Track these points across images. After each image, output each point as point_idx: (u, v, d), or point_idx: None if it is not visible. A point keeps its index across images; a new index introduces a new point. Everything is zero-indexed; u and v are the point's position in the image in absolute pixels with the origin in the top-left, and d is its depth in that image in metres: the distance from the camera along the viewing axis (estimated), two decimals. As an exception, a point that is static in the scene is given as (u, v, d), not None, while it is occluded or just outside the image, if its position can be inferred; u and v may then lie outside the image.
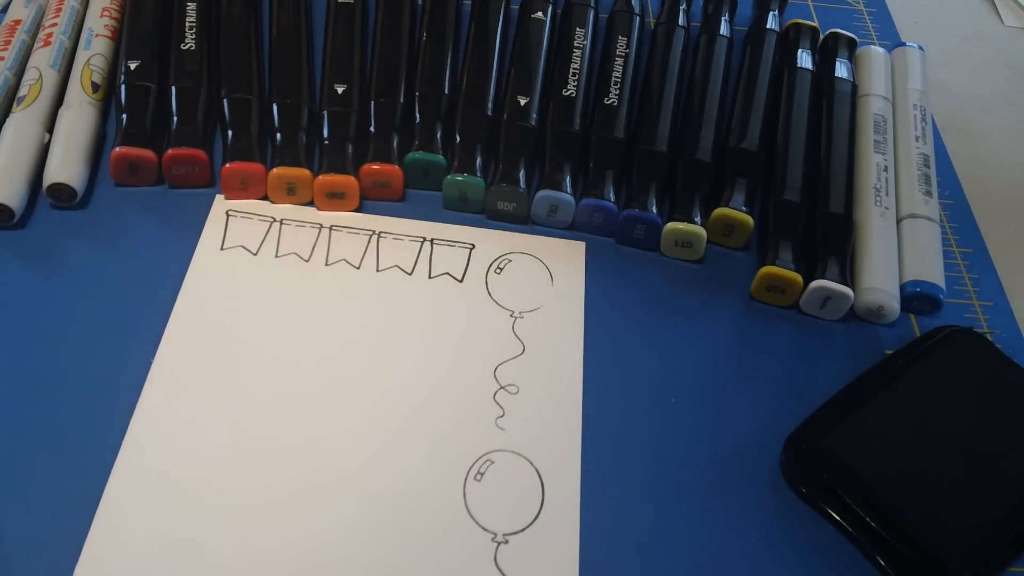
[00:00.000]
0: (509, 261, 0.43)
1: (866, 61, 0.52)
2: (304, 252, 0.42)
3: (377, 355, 0.39)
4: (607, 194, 0.43)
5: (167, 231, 0.42)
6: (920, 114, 0.50)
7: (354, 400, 0.37)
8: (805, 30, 0.52)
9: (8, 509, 0.33)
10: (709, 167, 0.44)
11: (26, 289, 0.39)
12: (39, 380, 0.36)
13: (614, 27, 0.50)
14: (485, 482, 0.35)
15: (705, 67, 0.49)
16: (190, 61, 0.45)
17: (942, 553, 0.33)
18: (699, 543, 0.35)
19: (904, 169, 0.47)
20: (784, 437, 0.37)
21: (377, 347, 0.39)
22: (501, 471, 0.36)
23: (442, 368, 0.38)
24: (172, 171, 0.43)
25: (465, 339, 0.39)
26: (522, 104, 0.45)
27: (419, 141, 0.44)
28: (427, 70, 0.46)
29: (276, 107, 0.44)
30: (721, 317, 0.42)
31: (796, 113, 0.47)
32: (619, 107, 0.46)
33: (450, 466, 0.36)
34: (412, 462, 0.36)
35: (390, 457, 0.36)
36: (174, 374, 0.37)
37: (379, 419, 0.37)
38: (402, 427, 0.36)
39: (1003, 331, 0.43)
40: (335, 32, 0.47)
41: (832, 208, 0.44)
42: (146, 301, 0.39)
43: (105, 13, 0.48)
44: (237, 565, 0.32)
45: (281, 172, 0.42)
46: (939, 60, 0.58)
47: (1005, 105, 0.56)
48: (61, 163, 0.41)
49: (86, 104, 0.44)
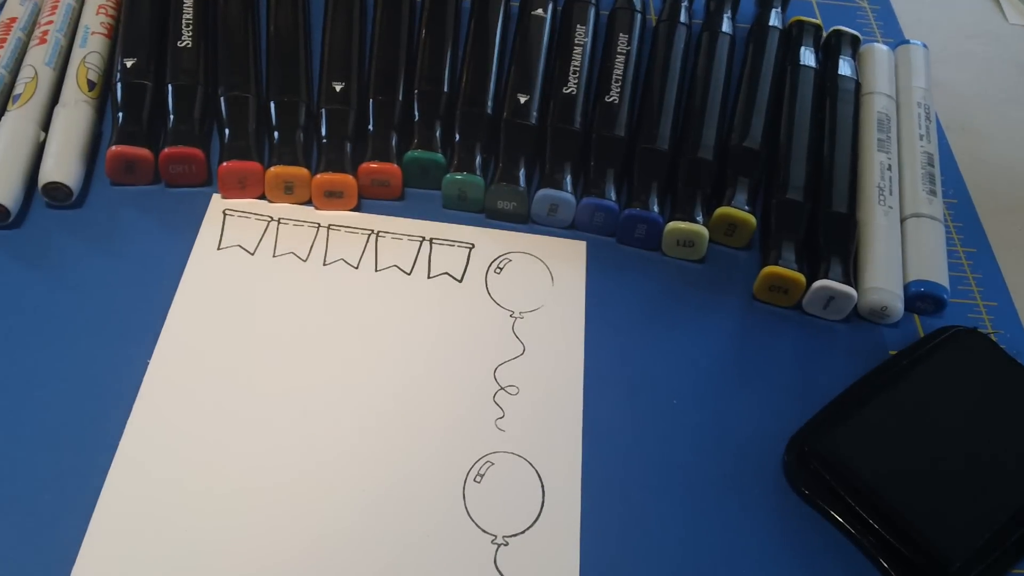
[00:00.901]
0: (509, 261, 0.42)
1: (870, 59, 0.52)
2: (302, 252, 0.41)
3: (376, 356, 0.38)
4: (608, 193, 0.43)
5: (164, 230, 0.41)
6: (924, 112, 0.49)
7: (352, 401, 0.37)
8: (808, 27, 0.52)
9: (4, 510, 0.33)
10: (711, 166, 0.44)
11: (22, 289, 0.39)
12: (34, 380, 0.36)
13: (615, 24, 0.49)
14: (485, 484, 0.35)
15: (707, 65, 0.48)
16: (187, 59, 0.44)
17: (945, 555, 0.33)
18: (701, 546, 0.34)
19: (908, 168, 0.47)
20: (787, 438, 0.37)
21: (376, 348, 0.38)
22: (501, 473, 0.35)
23: (441, 369, 0.38)
24: (169, 170, 0.42)
25: (464, 340, 0.39)
26: (522, 102, 0.45)
27: (418, 139, 0.44)
28: (426, 68, 0.46)
29: (274, 105, 0.44)
30: (723, 317, 0.42)
31: (799, 111, 0.47)
32: (620, 105, 0.45)
33: (450, 468, 0.35)
34: (411, 464, 0.35)
35: (389, 459, 0.35)
36: (171, 374, 0.37)
37: (378, 420, 0.36)
38: (401, 428, 0.36)
39: (1007, 331, 0.43)
40: (333, 29, 0.47)
41: (835, 207, 0.43)
42: (143, 300, 0.39)
43: (101, 11, 0.47)
44: (235, 566, 0.32)
45: (279, 171, 0.42)
46: (943, 58, 0.57)
47: (1010, 103, 0.56)
48: (57, 162, 0.41)
49: (82, 102, 0.43)
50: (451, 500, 0.34)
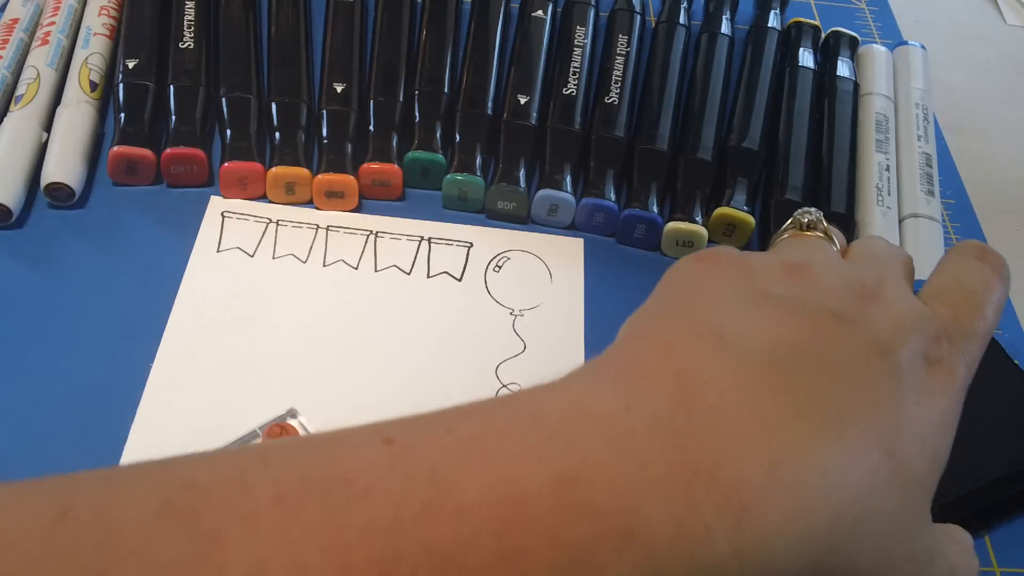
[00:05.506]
0: (507, 259, 0.42)
1: (868, 60, 0.52)
2: (301, 253, 0.42)
3: (376, 356, 0.38)
4: (607, 193, 0.43)
5: (166, 230, 0.42)
6: (922, 113, 0.50)
7: (353, 402, 0.37)
8: (807, 29, 0.52)
9: (5, 510, 0.33)
10: (710, 166, 0.44)
11: (24, 289, 0.39)
12: (36, 380, 0.36)
13: (615, 25, 0.49)
14: (485, 483, 0.35)
15: (706, 66, 0.48)
16: (188, 60, 0.44)
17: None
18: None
19: (906, 168, 0.47)
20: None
21: (376, 348, 0.39)
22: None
23: (444, 367, 0.38)
24: (170, 170, 0.42)
25: (466, 338, 0.39)
26: (522, 103, 0.45)
27: (419, 140, 0.44)
28: (427, 69, 0.46)
29: (275, 106, 0.44)
30: (722, 317, 0.42)
31: (798, 112, 0.47)
32: (620, 106, 0.45)
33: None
34: (411, 463, 0.35)
35: (389, 458, 0.35)
36: (174, 376, 0.37)
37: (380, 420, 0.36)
38: (401, 427, 0.36)
39: (1006, 331, 0.43)
40: (334, 30, 0.47)
41: (834, 207, 0.43)
42: (145, 300, 0.39)
43: (103, 12, 0.47)
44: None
45: (280, 171, 0.42)
46: (941, 59, 0.57)
47: (1007, 104, 0.56)
48: (59, 162, 0.41)
49: (84, 103, 0.43)
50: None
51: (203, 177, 0.43)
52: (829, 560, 0.21)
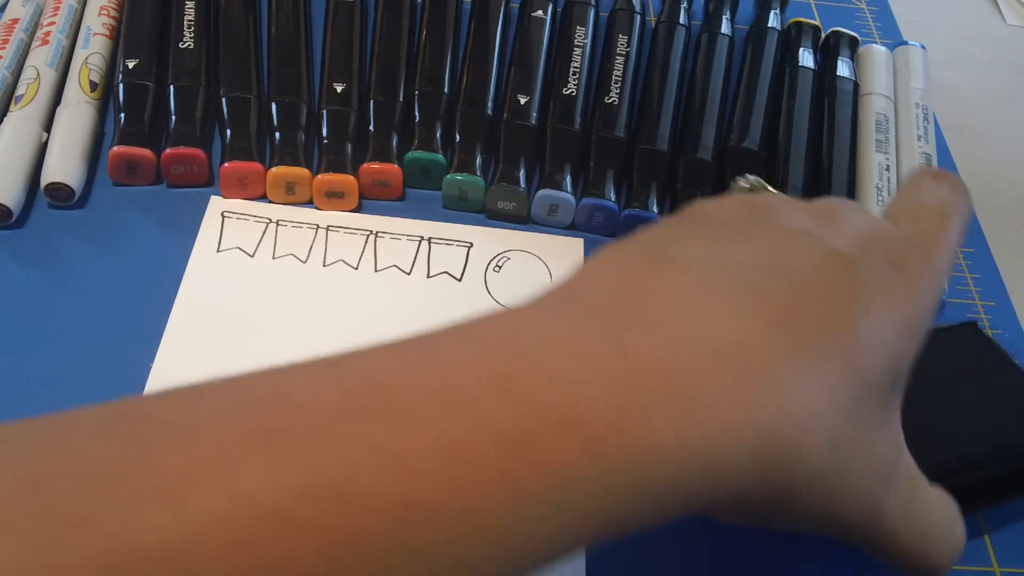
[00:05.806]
0: (507, 259, 0.43)
1: (868, 60, 0.52)
2: (301, 253, 0.42)
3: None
4: (608, 193, 0.43)
5: (166, 230, 0.42)
6: (922, 113, 0.50)
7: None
8: (807, 29, 0.52)
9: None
10: (710, 166, 0.44)
11: (23, 289, 0.39)
12: (36, 381, 0.36)
13: (615, 25, 0.49)
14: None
15: (706, 66, 0.48)
16: (189, 60, 0.44)
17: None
18: (699, 544, 0.34)
19: (906, 168, 0.47)
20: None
21: (376, 347, 0.39)
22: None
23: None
24: (171, 170, 0.42)
25: (465, 339, 0.39)
26: (522, 103, 0.45)
27: (419, 140, 0.44)
28: (427, 69, 0.46)
29: (275, 106, 0.44)
30: (722, 317, 0.42)
31: (798, 112, 0.47)
32: (620, 106, 0.45)
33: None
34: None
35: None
36: (174, 376, 0.37)
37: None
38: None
39: (1005, 331, 0.43)
40: (334, 31, 0.47)
41: (834, 207, 0.44)
42: (146, 300, 0.39)
43: (103, 12, 0.47)
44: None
45: (280, 171, 0.42)
46: (941, 59, 0.57)
47: (1008, 104, 0.56)
48: (59, 162, 0.41)
49: (84, 103, 0.43)
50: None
51: (203, 177, 0.43)
52: (780, 454, 0.21)
